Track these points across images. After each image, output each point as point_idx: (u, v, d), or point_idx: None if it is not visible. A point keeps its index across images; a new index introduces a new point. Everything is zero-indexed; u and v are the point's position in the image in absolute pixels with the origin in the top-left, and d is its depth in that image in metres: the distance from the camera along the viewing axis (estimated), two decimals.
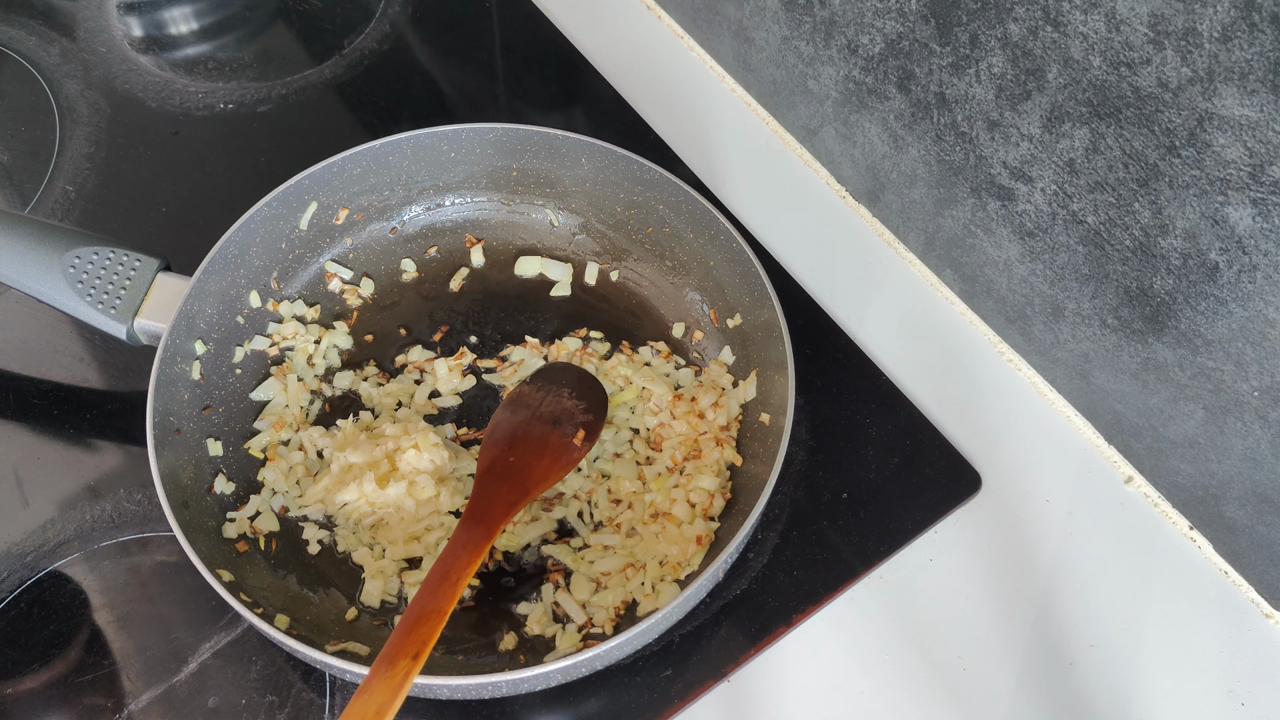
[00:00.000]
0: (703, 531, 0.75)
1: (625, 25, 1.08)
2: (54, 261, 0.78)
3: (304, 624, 0.71)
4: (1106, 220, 0.72)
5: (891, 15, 0.79)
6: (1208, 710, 0.73)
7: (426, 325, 0.87)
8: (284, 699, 0.72)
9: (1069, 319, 0.80)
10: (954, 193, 0.83)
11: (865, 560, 0.78)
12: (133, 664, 0.73)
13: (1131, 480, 0.82)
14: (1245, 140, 0.60)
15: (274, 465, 0.79)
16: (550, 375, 0.81)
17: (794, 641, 0.75)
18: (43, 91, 1.01)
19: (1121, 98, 0.66)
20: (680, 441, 0.79)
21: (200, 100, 1.02)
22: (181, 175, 0.97)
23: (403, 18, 1.08)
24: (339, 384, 0.84)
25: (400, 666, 0.61)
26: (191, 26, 1.08)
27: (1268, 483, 0.71)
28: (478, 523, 0.70)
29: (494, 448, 0.76)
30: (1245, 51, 0.57)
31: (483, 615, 0.74)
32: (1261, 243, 0.63)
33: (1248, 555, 0.76)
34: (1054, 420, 0.85)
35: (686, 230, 0.85)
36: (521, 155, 0.89)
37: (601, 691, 0.72)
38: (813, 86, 0.92)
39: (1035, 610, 0.77)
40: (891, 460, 0.82)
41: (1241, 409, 0.70)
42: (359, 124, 1.01)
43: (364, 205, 0.89)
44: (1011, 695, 0.74)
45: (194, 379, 0.79)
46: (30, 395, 0.85)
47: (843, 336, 0.88)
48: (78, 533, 0.78)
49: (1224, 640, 0.76)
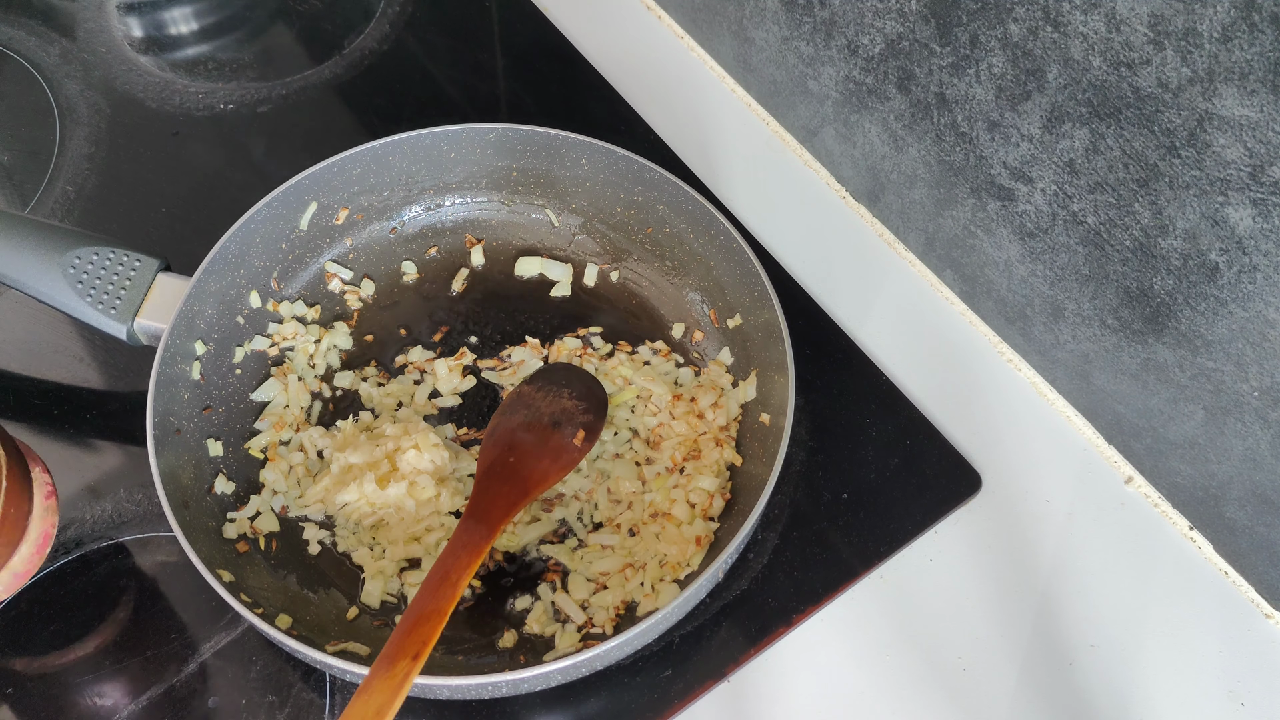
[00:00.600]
0: (702, 532, 0.75)
1: (625, 25, 1.08)
2: (54, 261, 0.78)
3: (304, 624, 0.71)
4: (1106, 221, 0.72)
5: (891, 15, 0.79)
6: (1208, 710, 0.73)
7: (426, 325, 0.87)
8: (284, 699, 0.72)
9: (1069, 319, 0.80)
10: (954, 193, 0.83)
11: (865, 560, 0.78)
12: (133, 664, 0.73)
13: (1131, 480, 0.82)
14: (1245, 140, 0.60)
15: (274, 465, 0.79)
16: (550, 376, 0.81)
17: (794, 641, 0.75)
18: (43, 91, 1.01)
19: (1121, 98, 0.66)
20: (680, 442, 0.79)
21: (200, 100, 1.02)
22: (181, 175, 0.97)
23: (403, 18, 1.08)
24: (339, 384, 0.84)
25: (400, 667, 0.61)
26: (191, 27, 1.08)
27: (1268, 483, 0.71)
28: (478, 523, 0.71)
29: (494, 448, 0.76)
30: (1245, 51, 0.57)
31: (483, 615, 0.74)
32: (1261, 243, 0.63)
33: (1248, 555, 0.76)
34: (1054, 420, 0.85)
35: (686, 230, 0.85)
36: (521, 155, 0.89)
37: (601, 691, 0.72)
38: (813, 87, 0.92)
39: (1035, 610, 0.77)
40: (891, 460, 0.82)
41: (1241, 409, 0.70)
42: (359, 124, 1.01)
43: (364, 205, 0.89)
44: (1011, 695, 0.74)
45: (194, 379, 0.79)
46: (30, 395, 0.85)
47: (843, 336, 0.88)
48: (78, 533, 0.78)
49: (1224, 640, 0.76)
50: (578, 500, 0.78)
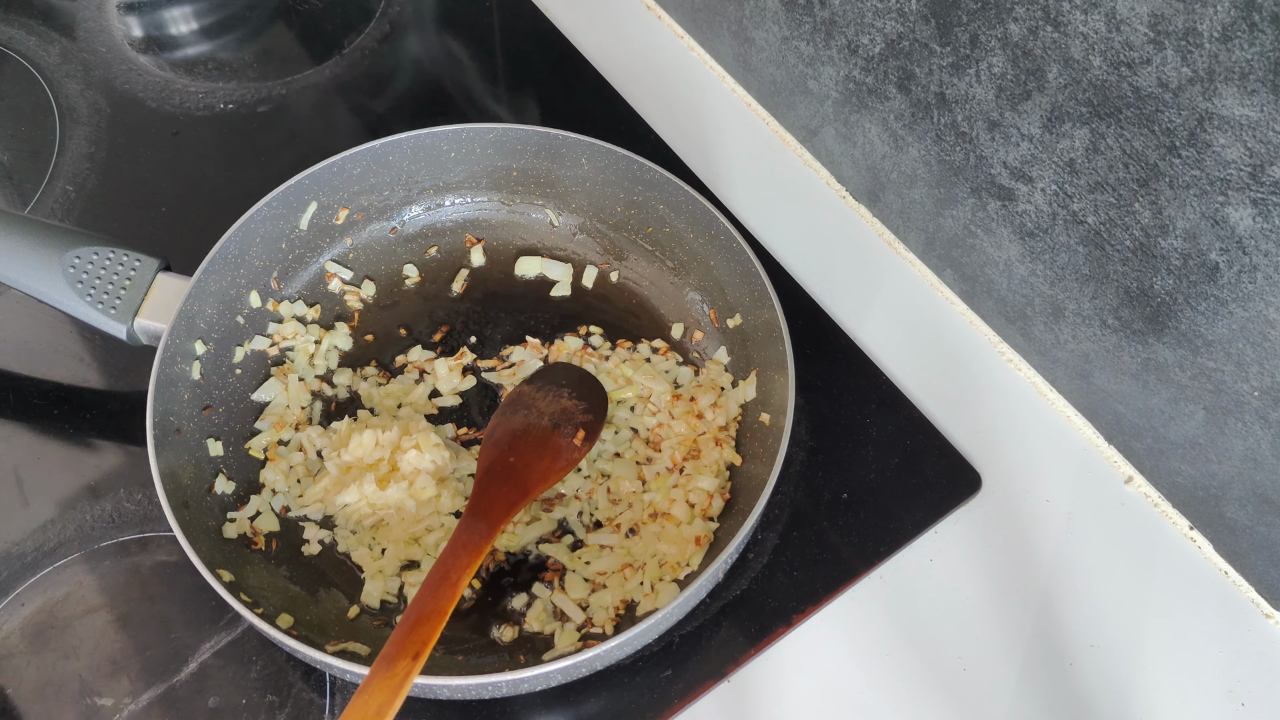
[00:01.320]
0: (702, 532, 0.75)
1: (625, 25, 1.08)
2: (54, 261, 0.78)
3: (304, 624, 0.71)
4: (1107, 220, 0.72)
5: (891, 15, 0.79)
6: (1208, 710, 0.73)
7: (426, 325, 0.87)
8: (284, 699, 0.72)
9: (1069, 319, 0.80)
10: (954, 193, 0.83)
11: (865, 560, 0.78)
12: (133, 664, 0.73)
13: (1131, 480, 0.82)
14: (1245, 140, 0.60)
15: (274, 465, 0.79)
16: (550, 375, 0.81)
17: (794, 641, 0.75)
18: (43, 91, 1.01)
19: (1122, 98, 0.66)
20: (680, 441, 0.79)
21: (200, 100, 1.02)
22: (181, 175, 0.97)
23: (403, 18, 1.08)
24: (339, 384, 0.84)
25: (400, 667, 0.61)
26: (191, 26, 1.08)
27: (1268, 483, 0.71)
28: (478, 522, 0.71)
29: (494, 448, 0.76)
30: (1245, 51, 0.57)
31: (483, 615, 0.74)
32: (1261, 243, 0.63)
33: (1248, 555, 0.76)
34: (1054, 420, 0.85)
35: (686, 230, 0.85)
36: (521, 155, 0.89)
37: (601, 691, 0.72)
38: (813, 86, 0.92)
39: (1035, 610, 0.77)
40: (891, 460, 0.82)
41: (1242, 409, 0.70)
42: (359, 124, 1.01)
43: (364, 205, 0.89)
44: (1011, 695, 0.74)
45: (194, 379, 0.79)
46: (30, 395, 0.85)
47: (843, 336, 0.88)
48: (78, 533, 0.78)
49: (1224, 640, 0.76)
50: (577, 500, 0.78)
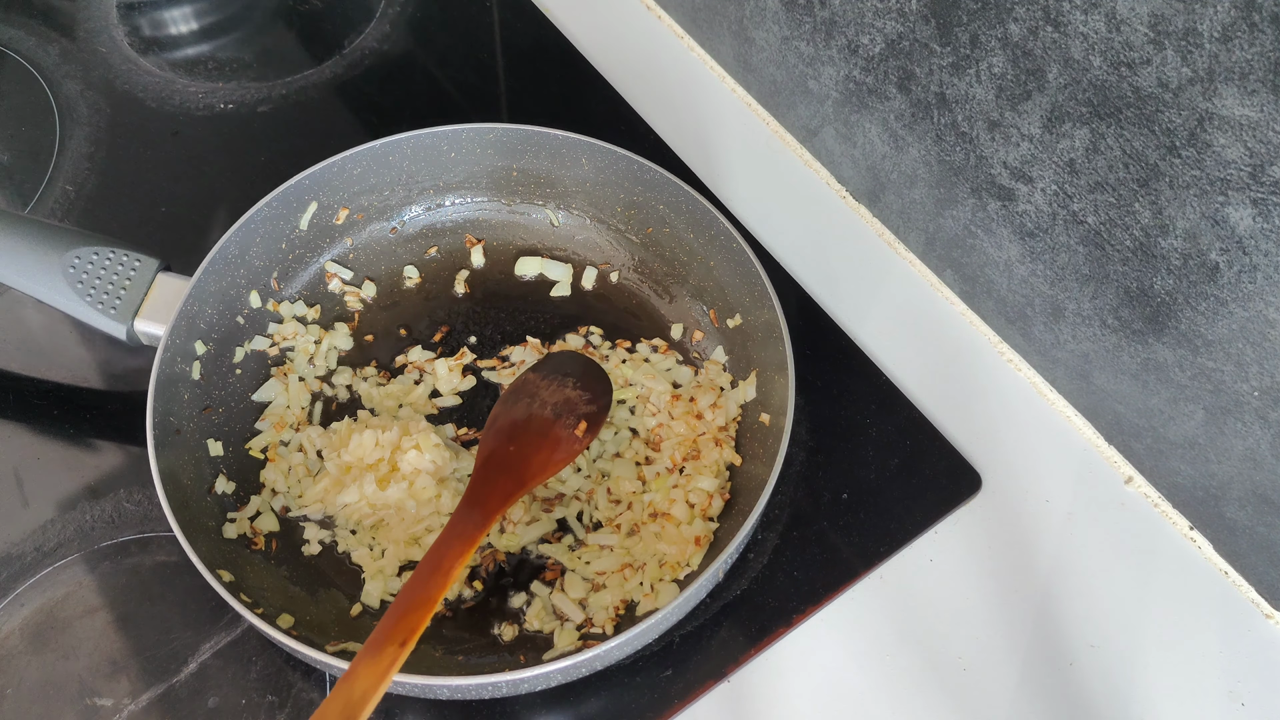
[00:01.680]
0: (701, 532, 0.75)
1: (625, 25, 1.08)
2: (54, 261, 0.78)
3: (304, 624, 0.71)
4: (1107, 220, 0.72)
5: (892, 15, 0.79)
6: (1208, 710, 0.73)
7: (426, 325, 0.87)
8: (284, 699, 0.72)
9: (1069, 319, 0.80)
10: (954, 193, 0.83)
11: (865, 560, 0.78)
12: (132, 664, 0.73)
13: (1131, 480, 0.82)
14: (1245, 140, 0.60)
15: (274, 465, 0.79)
16: (556, 364, 0.81)
17: (794, 641, 0.75)
18: (43, 91, 1.01)
19: (1122, 98, 0.66)
20: (679, 442, 0.79)
21: (200, 100, 1.02)
22: (181, 175, 0.97)
23: (403, 18, 1.08)
24: (339, 384, 0.84)
25: (387, 653, 0.61)
26: (191, 26, 1.08)
27: (1268, 483, 0.71)
28: (473, 512, 0.70)
29: (495, 437, 0.75)
30: (1245, 51, 0.57)
31: (483, 616, 0.74)
32: (1261, 243, 0.63)
33: (1248, 555, 0.76)
34: (1054, 420, 0.85)
35: (686, 230, 0.85)
36: (521, 155, 0.89)
37: (601, 691, 0.72)
38: (813, 86, 0.92)
39: (1035, 610, 0.77)
40: (891, 460, 0.82)
41: (1241, 409, 0.70)
42: (359, 124, 1.01)
43: (364, 205, 0.89)
44: (1011, 695, 0.74)
45: (194, 379, 0.79)
46: (30, 395, 0.85)
47: (843, 336, 0.88)
48: (78, 533, 0.78)
49: (1224, 640, 0.76)
50: (577, 500, 0.78)
